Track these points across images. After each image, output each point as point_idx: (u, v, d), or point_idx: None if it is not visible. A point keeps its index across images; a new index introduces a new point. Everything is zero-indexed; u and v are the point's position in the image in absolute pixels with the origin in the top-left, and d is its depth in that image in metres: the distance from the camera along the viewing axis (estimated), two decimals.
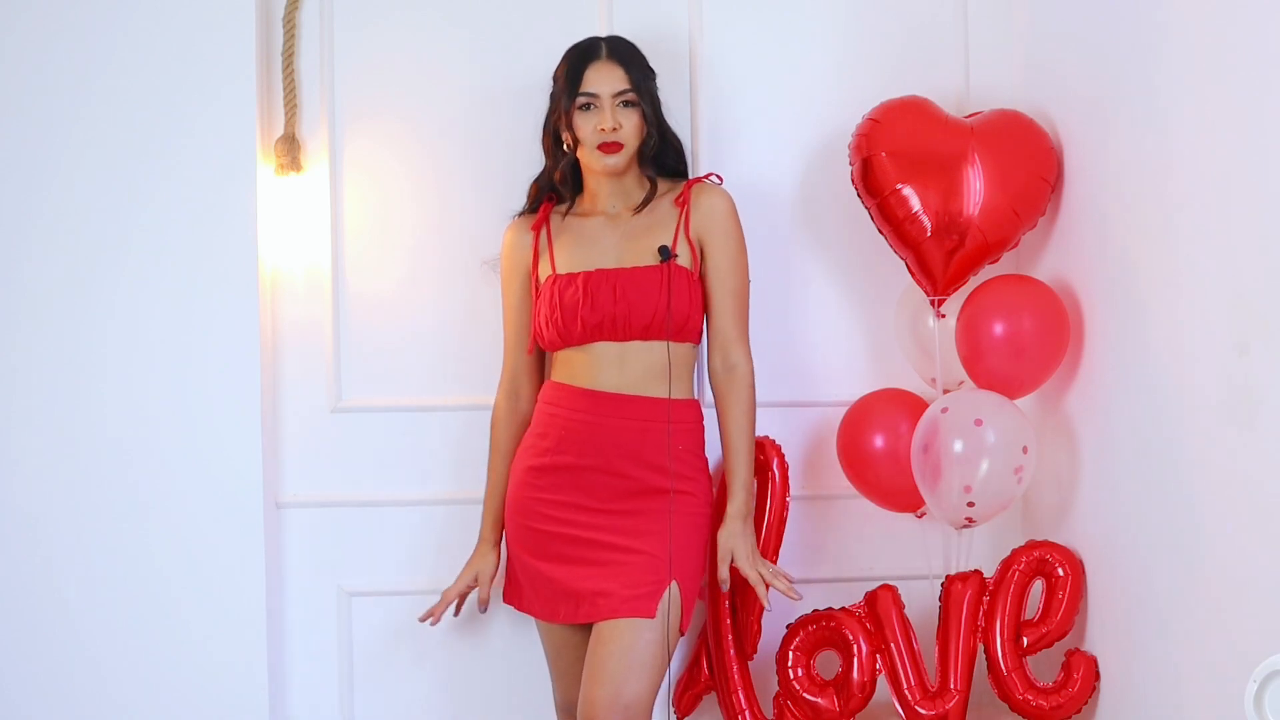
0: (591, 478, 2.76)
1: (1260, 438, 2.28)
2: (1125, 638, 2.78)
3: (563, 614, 2.75)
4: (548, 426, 2.82)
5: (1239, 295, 2.33)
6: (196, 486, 2.98)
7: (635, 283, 2.76)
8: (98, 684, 2.98)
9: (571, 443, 2.78)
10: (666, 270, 2.76)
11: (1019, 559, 2.94)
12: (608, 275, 2.77)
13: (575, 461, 2.77)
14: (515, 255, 2.91)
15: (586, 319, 2.76)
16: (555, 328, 2.79)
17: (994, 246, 2.94)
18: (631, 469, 2.76)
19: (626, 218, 2.85)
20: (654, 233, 2.82)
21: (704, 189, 2.85)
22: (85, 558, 2.97)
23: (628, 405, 2.77)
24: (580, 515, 2.76)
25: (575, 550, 2.75)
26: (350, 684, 3.11)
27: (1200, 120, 2.43)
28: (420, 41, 3.14)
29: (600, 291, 2.76)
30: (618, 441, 2.76)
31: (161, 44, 2.99)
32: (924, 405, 2.99)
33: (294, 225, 3.10)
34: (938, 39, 3.21)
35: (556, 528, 2.77)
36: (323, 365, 3.11)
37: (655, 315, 2.75)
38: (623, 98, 2.79)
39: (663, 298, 2.75)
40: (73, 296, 2.98)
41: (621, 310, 2.75)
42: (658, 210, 2.85)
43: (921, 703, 2.89)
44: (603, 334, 2.77)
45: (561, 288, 2.79)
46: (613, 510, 2.76)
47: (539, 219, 2.90)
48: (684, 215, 2.82)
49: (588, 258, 2.81)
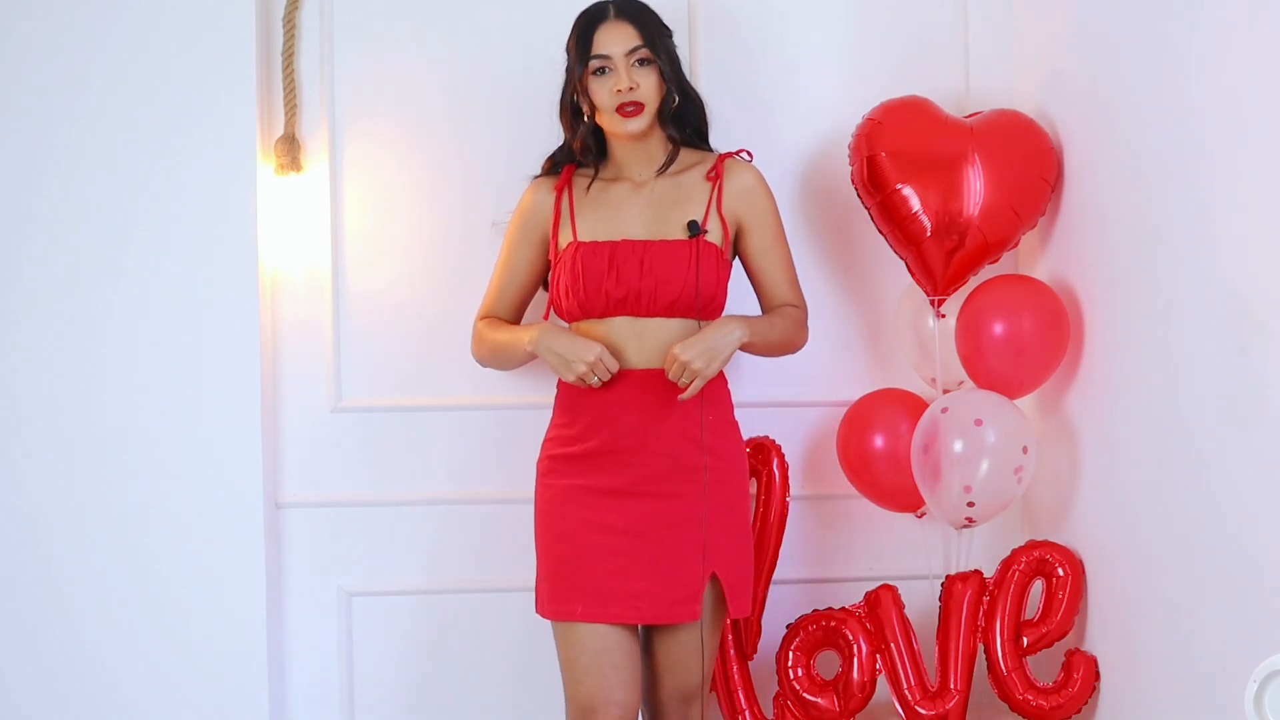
0: (626, 459, 2.66)
1: (1260, 438, 2.28)
2: (1125, 638, 2.78)
3: (608, 614, 2.62)
4: (574, 412, 2.71)
5: (1238, 295, 2.33)
6: (197, 486, 2.98)
7: (664, 257, 2.66)
8: (98, 683, 2.97)
9: (602, 425, 2.67)
10: (695, 246, 2.67)
11: (1019, 559, 2.94)
12: (635, 248, 2.67)
13: (609, 444, 2.67)
14: (534, 216, 2.80)
15: (611, 292, 2.66)
16: (576, 298, 2.68)
17: (994, 246, 2.94)
18: (666, 446, 2.66)
19: (651, 184, 2.75)
20: (683, 206, 2.72)
21: (738, 166, 2.77)
22: (85, 557, 2.97)
23: (653, 380, 2.66)
24: (620, 503, 2.65)
25: (617, 543, 2.64)
26: (350, 684, 3.11)
27: (1200, 120, 2.43)
28: (420, 41, 3.14)
29: (627, 265, 2.66)
30: (649, 419, 2.66)
31: (162, 44, 2.99)
32: (924, 405, 2.99)
33: (294, 225, 3.10)
34: (938, 39, 3.21)
35: (598, 517, 2.66)
36: (323, 365, 3.11)
37: (683, 292, 2.65)
38: (636, 55, 2.68)
39: (691, 274, 2.65)
40: (73, 296, 2.98)
41: (648, 285, 2.65)
42: (687, 181, 2.76)
43: (921, 703, 2.89)
44: (626, 309, 2.67)
45: (585, 257, 2.68)
46: (650, 494, 2.65)
47: (562, 181, 2.79)
48: (716, 191, 2.74)
49: (613, 227, 2.71)
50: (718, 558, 2.65)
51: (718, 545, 2.65)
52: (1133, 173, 2.67)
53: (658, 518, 2.64)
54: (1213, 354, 2.40)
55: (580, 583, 2.63)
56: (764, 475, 2.98)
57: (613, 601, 2.61)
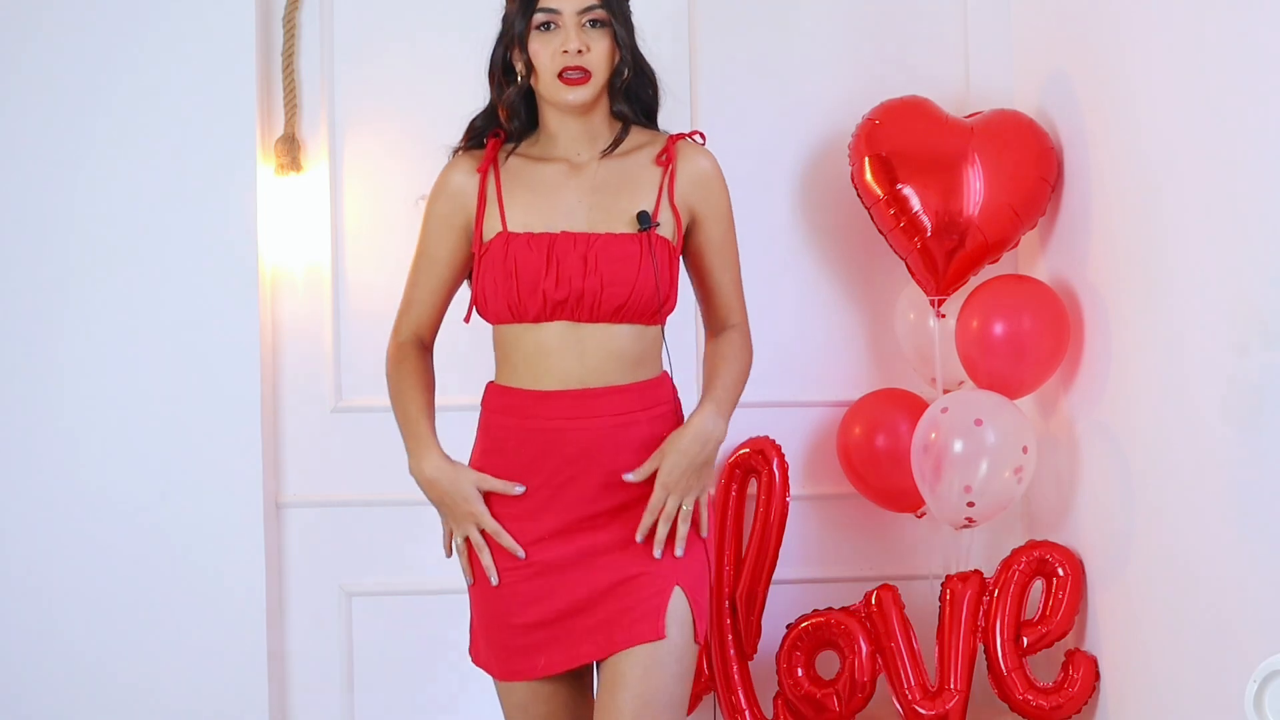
0: (566, 493, 2.26)
1: (1260, 438, 2.28)
2: (1125, 638, 2.78)
3: (545, 663, 2.25)
4: (501, 441, 2.31)
5: (1239, 295, 2.33)
6: (197, 486, 2.98)
7: (611, 253, 2.25)
8: (98, 683, 2.98)
9: (535, 458, 2.27)
10: (648, 240, 2.26)
11: (1019, 559, 2.94)
12: (577, 241, 2.25)
13: (544, 479, 2.27)
14: (455, 200, 2.35)
15: (549, 294, 2.23)
16: (506, 300, 2.26)
17: (994, 246, 2.94)
18: (610, 472, 2.26)
19: (593, 166, 2.33)
20: (630, 193, 2.31)
21: (692, 150, 2.36)
22: (85, 557, 2.97)
23: (595, 401, 2.26)
24: (559, 543, 2.26)
25: (563, 582, 2.25)
26: (350, 684, 3.11)
27: (1200, 120, 2.43)
28: (420, 41, 3.14)
29: (568, 261, 2.24)
30: (591, 445, 2.25)
31: (162, 45, 2.99)
32: (924, 405, 2.99)
33: (294, 225, 3.10)
34: (938, 39, 3.21)
35: (539, 559, 2.27)
36: (323, 365, 3.11)
37: (634, 295, 2.25)
38: (590, 15, 2.27)
39: (644, 274, 2.25)
40: (73, 296, 2.98)
41: (593, 286, 2.23)
42: (633, 165, 2.34)
43: (921, 702, 2.89)
44: (565, 313, 2.25)
45: (517, 252, 2.25)
46: (595, 523, 2.26)
47: (486, 159, 2.35)
48: (668, 177, 2.33)
49: (547, 216, 2.29)
50: (678, 576, 2.25)
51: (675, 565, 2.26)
52: (1133, 173, 2.67)
53: (608, 548, 2.26)
54: (1213, 354, 2.40)
55: (516, 636, 2.27)
56: (764, 475, 2.98)
57: (555, 647, 2.25)
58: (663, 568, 2.24)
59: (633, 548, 2.25)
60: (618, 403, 2.28)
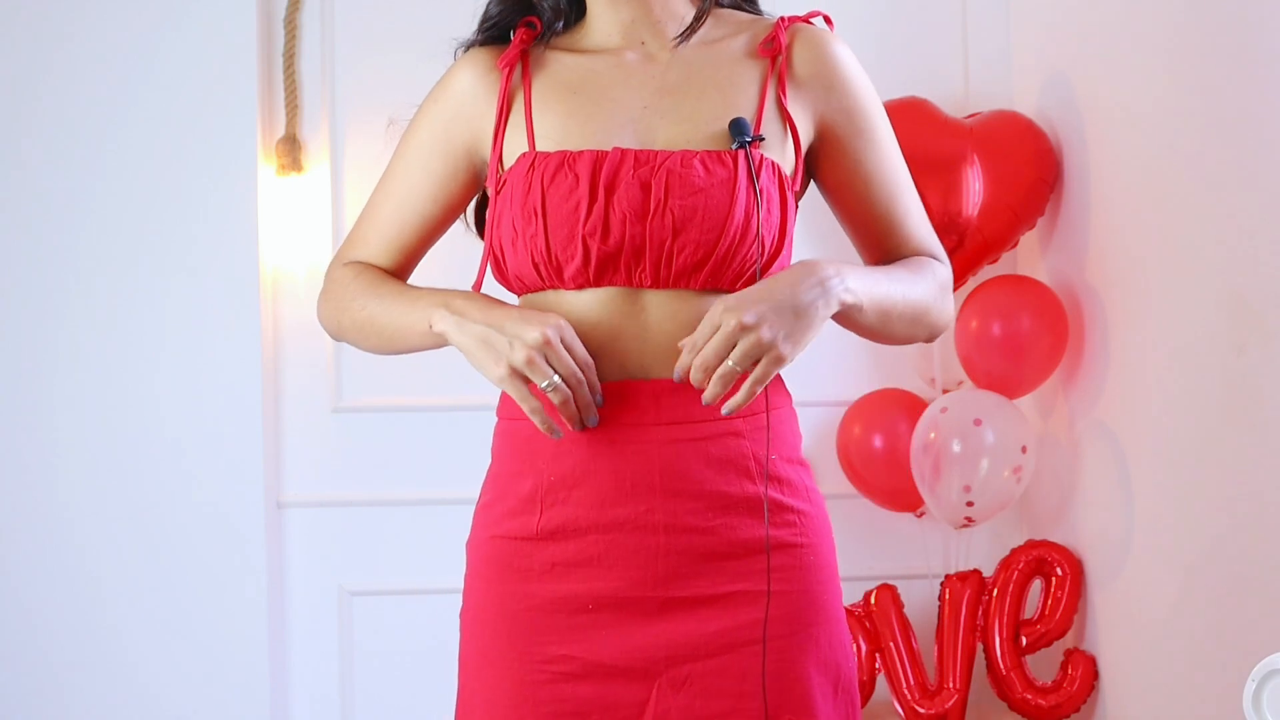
0: (624, 543, 1.55)
1: (1260, 437, 2.28)
2: (1124, 637, 2.79)
3: None
4: (524, 460, 1.60)
5: (1238, 295, 2.33)
6: (198, 486, 2.99)
7: (688, 182, 1.54)
8: (98, 683, 2.98)
9: (578, 483, 1.57)
10: (745, 162, 1.56)
11: (1018, 559, 2.94)
12: (637, 164, 1.55)
13: (591, 517, 1.56)
14: (459, 104, 1.69)
15: (594, 244, 1.54)
16: (530, 254, 1.56)
17: (993, 246, 2.94)
18: (697, 514, 1.55)
19: (664, 58, 1.65)
20: (718, 94, 1.61)
21: (813, 34, 1.69)
22: (85, 557, 2.98)
23: (668, 401, 1.55)
24: (618, 624, 1.55)
25: (611, 695, 1.54)
26: (350, 684, 3.11)
27: (1199, 120, 2.44)
28: (421, 41, 3.13)
29: (622, 194, 1.53)
30: (663, 468, 1.55)
31: (163, 46, 2.99)
32: (924, 405, 2.99)
33: (295, 226, 3.11)
34: (937, 40, 3.21)
35: (577, 653, 1.57)
36: (323, 365, 3.11)
37: (723, 244, 1.54)
38: None
39: (741, 211, 1.54)
40: (74, 297, 2.98)
41: (658, 231, 1.53)
42: (722, 55, 1.65)
43: (921, 702, 2.90)
44: (615, 273, 1.55)
45: (548, 181, 1.55)
46: (676, 601, 1.55)
47: (511, 53, 1.66)
48: (778, 72, 1.64)
49: (597, 126, 1.59)
50: (795, 702, 1.56)
51: (796, 683, 1.56)
52: (1132, 173, 2.68)
53: (688, 643, 1.55)
54: (1213, 353, 2.41)
55: None
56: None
57: None
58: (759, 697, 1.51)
59: (724, 661, 1.50)
60: (696, 406, 1.56)
